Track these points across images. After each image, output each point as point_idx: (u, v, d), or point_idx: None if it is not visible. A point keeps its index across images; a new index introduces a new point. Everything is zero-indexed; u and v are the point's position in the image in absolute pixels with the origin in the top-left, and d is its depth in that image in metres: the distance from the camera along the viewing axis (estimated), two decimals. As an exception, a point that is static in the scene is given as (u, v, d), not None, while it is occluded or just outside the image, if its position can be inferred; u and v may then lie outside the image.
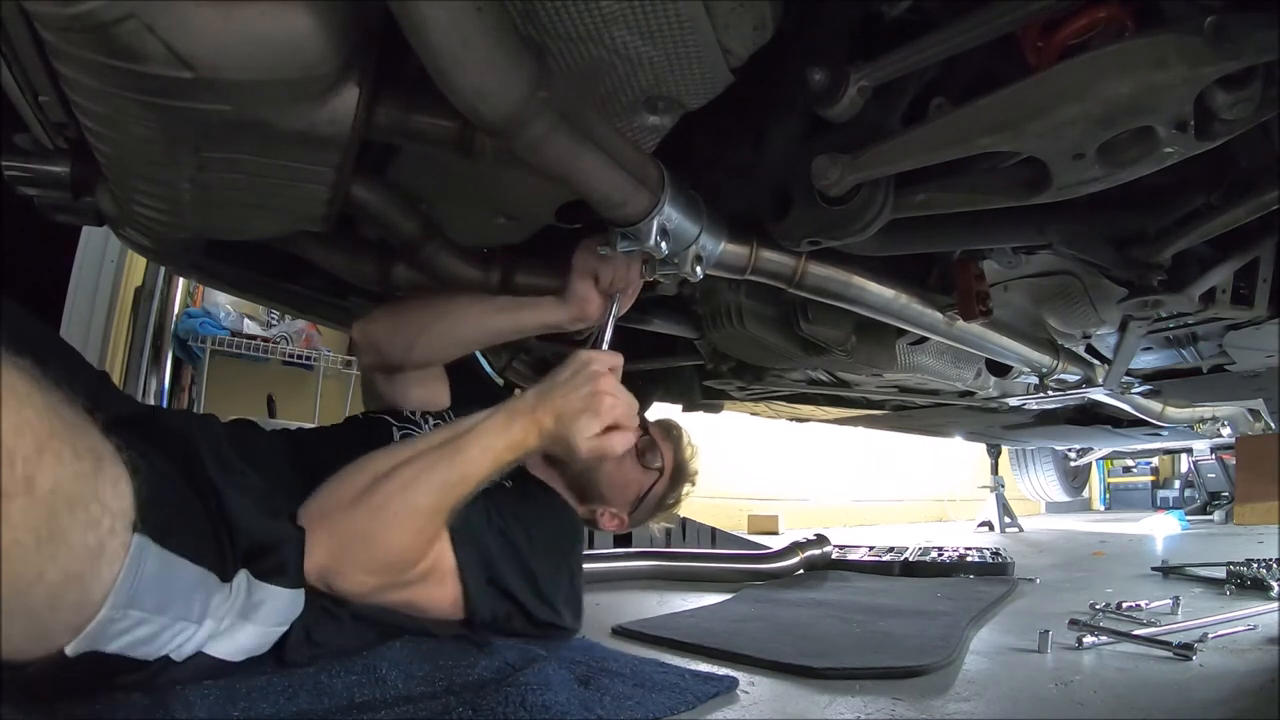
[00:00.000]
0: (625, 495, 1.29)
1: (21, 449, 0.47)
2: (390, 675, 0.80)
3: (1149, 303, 1.01)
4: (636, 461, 1.29)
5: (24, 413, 0.48)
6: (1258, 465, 4.04)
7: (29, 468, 0.47)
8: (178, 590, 0.64)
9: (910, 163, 0.72)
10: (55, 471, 0.49)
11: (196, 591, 0.67)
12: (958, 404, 2.01)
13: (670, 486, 1.35)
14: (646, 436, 1.33)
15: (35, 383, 0.50)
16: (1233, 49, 0.54)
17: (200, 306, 2.57)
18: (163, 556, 0.61)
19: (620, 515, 1.30)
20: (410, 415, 1.16)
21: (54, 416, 0.51)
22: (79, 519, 0.52)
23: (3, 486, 0.45)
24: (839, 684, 0.96)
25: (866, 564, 2.19)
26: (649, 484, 1.30)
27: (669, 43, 0.64)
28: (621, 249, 0.83)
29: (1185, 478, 6.52)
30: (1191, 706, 0.88)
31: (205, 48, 0.52)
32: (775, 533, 3.77)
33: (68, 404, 0.54)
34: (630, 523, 1.35)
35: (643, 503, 1.31)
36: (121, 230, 1.00)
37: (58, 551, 0.50)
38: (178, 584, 0.64)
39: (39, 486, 0.48)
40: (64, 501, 0.50)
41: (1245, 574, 1.75)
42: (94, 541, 0.53)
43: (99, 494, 0.53)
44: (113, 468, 0.56)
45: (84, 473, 0.52)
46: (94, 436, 0.55)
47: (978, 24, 0.61)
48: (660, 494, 1.33)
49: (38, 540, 0.48)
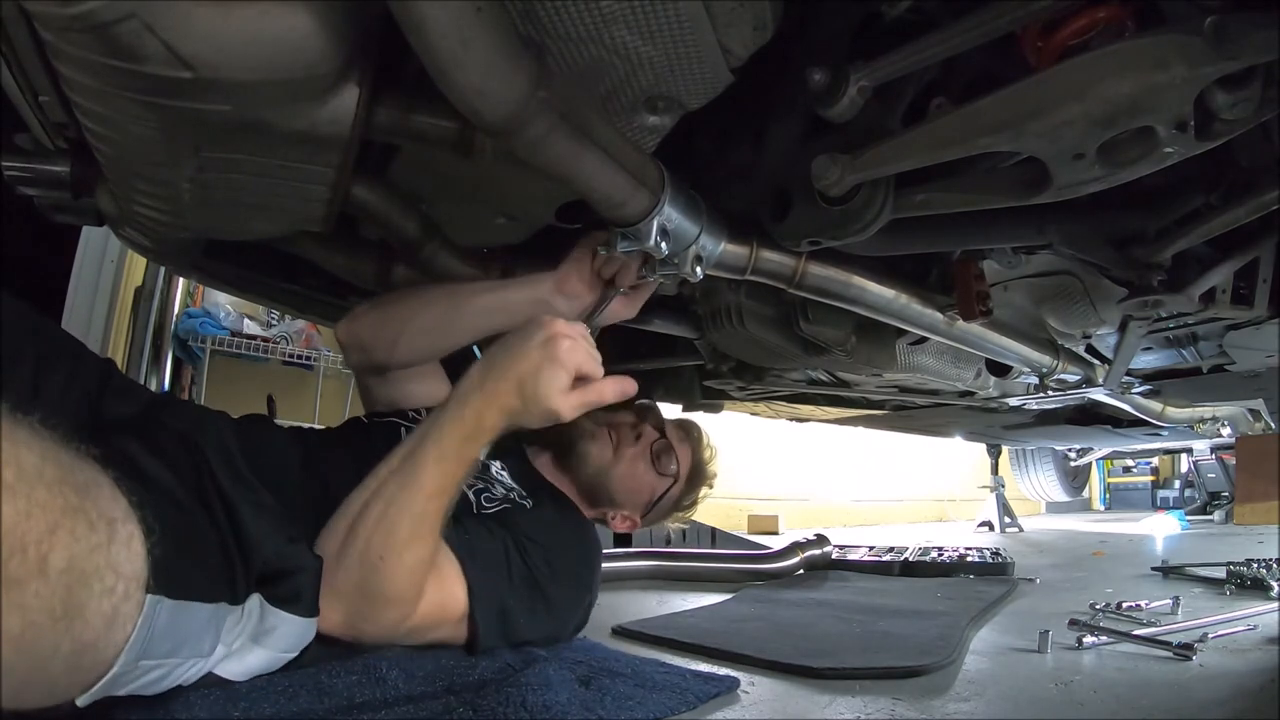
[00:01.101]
0: (638, 499, 1.27)
1: (34, 533, 0.45)
2: (391, 675, 0.80)
3: (1149, 303, 1.01)
4: (651, 466, 1.26)
5: (35, 493, 0.46)
6: (1258, 465, 4.04)
7: (42, 550, 0.45)
8: (190, 633, 0.63)
9: (910, 163, 0.72)
10: (70, 549, 0.47)
11: (208, 627, 0.66)
12: (958, 404, 2.01)
13: (687, 489, 1.33)
14: (662, 440, 1.30)
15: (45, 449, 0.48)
16: (1233, 49, 0.54)
17: (200, 306, 2.58)
18: (175, 607, 0.60)
19: (632, 517, 1.28)
20: (415, 415, 1.14)
21: (66, 488, 0.48)
22: (94, 590, 0.50)
23: (15, 575, 0.44)
24: (839, 684, 0.96)
25: (866, 564, 2.19)
26: (664, 489, 1.28)
27: (669, 43, 0.64)
28: (621, 249, 0.83)
29: (1185, 478, 6.52)
30: (1191, 706, 0.88)
31: (205, 48, 0.52)
32: (775, 533, 3.77)
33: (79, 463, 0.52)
34: (644, 523, 1.32)
35: (657, 506, 1.29)
36: (121, 230, 1.00)
37: (73, 625, 0.49)
38: (189, 628, 0.63)
39: (52, 567, 0.46)
40: (78, 577, 0.49)
41: (1245, 574, 1.75)
42: (108, 609, 0.52)
43: (112, 562, 0.52)
44: (126, 528, 0.54)
45: (98, 544, 0.50)
46: (106, 497, 0.53)
47: (978, 24, 0.61)
48: (676, 497, 1.31)
49: (53, 618, 0.47)
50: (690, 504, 1.37)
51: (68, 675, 0.53)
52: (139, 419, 0.82)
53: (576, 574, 1.07)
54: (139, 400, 0.89)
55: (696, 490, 1.35)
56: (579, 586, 1.07)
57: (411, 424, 1.11)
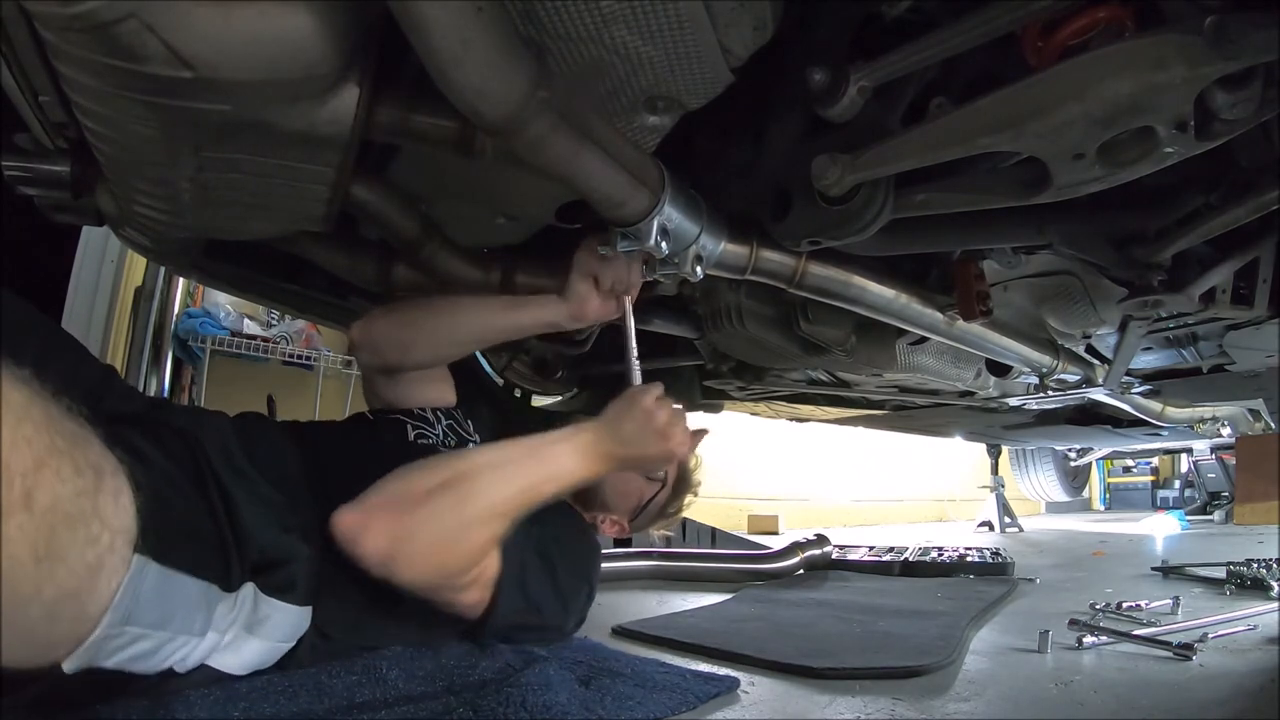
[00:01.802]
0: (627, 504, 1.29)
1: (20, 466, 0.46)
2: (391, 675, 0.80)
3: (1149, 303, 1.01)
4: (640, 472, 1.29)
5: (22, 428, 0.47)
6: (1258, 465, 4.04)
7: (27, 484, 0.46)
8: (178, 605, 0.63)
9: (910, 163, 0.72)
10: (55, 488, 0.48)
11: (198, 605, 0.66)
12: (958, 404, 2.01)
13: (673, 496, 1.35)
14: None
15: (35, 395, 0.49)
16: (1233, 49, 0.54)
17: (200, 306, 2.57)
18: (163, 573, 0.60)
19: (621, 522, 1.31)
20: (420, 412, 1.16)
21: (54, 431, 0.50)
22: (78, 536, 0.51)
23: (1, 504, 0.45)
24: (839, 684, 0.96)
25: (866, 564, 2.19)
26: (651, 494, 1.30)
27: (669, 43, 0.64)
28: (622, 249, 0.83)
29: (1185, 478, 6.52)
30: (1191, 706, 0.88)
31: (205, 47, 0.52)
32: (775, 533, 3.77)
33: (68, 416, 0.53)
34: (631, 529, 1.35)
35: (644, 511, 1.32)
36: (121, 230, 1.00)
37: (56, 569, 0.49)
38: (178, 599, 0.63)
39: (38, 503, 0.47)
40: (63, 519, 0.49)
41: (1245, 574, 1.75)
42: (93, 559, 0.52)
43: (99, 511, 0.53)
44: (114, 482, 0.55)
45: (84, 489, 0.51)
46: (95, 450, 0.54)
47: (978, 24, 0.61)
48: (662, 503, 1.33)
49: (36, 557, 0.47)
50: (675, 511, 1.39)
51: (49, 624, 0.52)
52: (138, 415, 0.83)
53: (581, 566, 1.11)
54: (138, 402, 0.90)
55: (682, 497, 1.38)
56: (582, 578, 1.11)
57: (418, 422, 1.13)
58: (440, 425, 1.16)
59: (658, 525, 1.42)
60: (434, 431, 1.13)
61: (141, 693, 0.65)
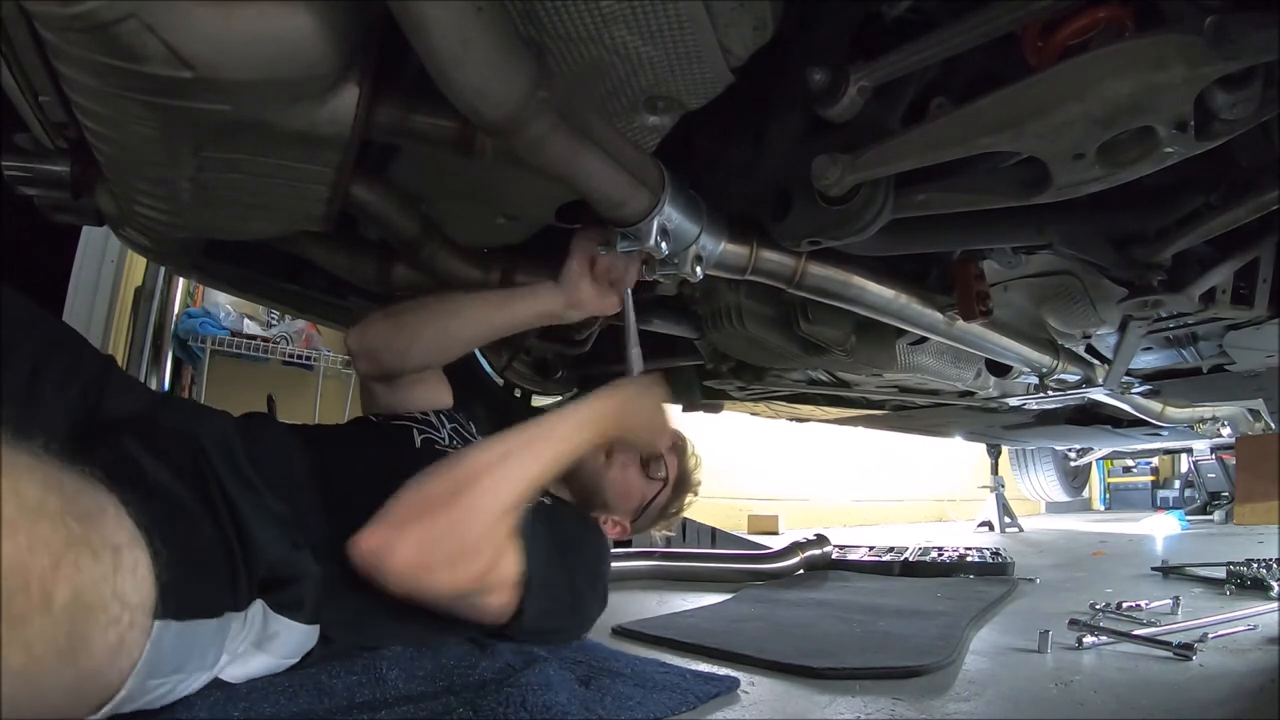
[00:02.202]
0: (628, 504, 1.29)
1: (37, 569, 0.44)
2: (391, 675, 0.80)
3: (1149, 303, 1.01)
4: (641, 471, 1.29)
5: (38, 527, 0.45)
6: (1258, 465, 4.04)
7: (46, 586, 0.44)
8: (196, 649, 0.63)
9: (910, 163, 0.72)
10: (74, 583, 0.46)
11: (214, 639, 0.66)
12: (958, 404, 2.01)
13: (673, 496, 1.35)
14: None
15: (47, 477, 0.47)
16: (1233, 49, 0.54)
17: (200, 306, 2.57)
18: (182, 628, 0.59)
19: (623, 523, 1.31)
20: (424, 416, 1.15)
21: (69, 518, 0.47)
22: (99, 622, 0.49)
23: (18, 612, 0.43)
24: (839, 684, 0.96)
25: (866, 564, 2.19)
26: (652, 494, 1.30)
27: (669, 43, 0.64)
28: (621, 249, 0.83)
29: (1185, 478, 6.52)
30: (1191, 706, 0.88)
31: (205, 47, 0.52)
32: (775, 533, 3.77)
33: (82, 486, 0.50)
34: (632, 530, 1.35)
35: (645, 511, 1.32)
36: (121, 230, 1.00)
37: (77, 657, 0.48)
38: (197, 644, 0.63)
39: (57, 603, 0.45)
40: (83, 610, 0.48)
41: (1245, 574, 1.75)
42: (114, 639, 0.51)
43: (118, 592, 0.51)
44: (131, 554, 0.52)
45: (103, 575, 0.49)
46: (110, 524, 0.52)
47: (978, 24, 0.61)
48: (663, 503, 1.34)
49: (57, 653, 0.46)
50: (676, 511, 1.39)
51: (71, 704, 0.51)
52: (139, 417, 0.82)
53: (595, 566, 1.11)
54: (139, 397, 0.88)
55: (682, 498, 1.38)
56: (593, 573, 1.11)
57: (424, 426, 1.12)
58: (445, 429, 1.15)
59: (659, 526, 1.42)
60: (440, 435, 1.13)
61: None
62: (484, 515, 0.84)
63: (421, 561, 0.81)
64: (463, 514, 0.83)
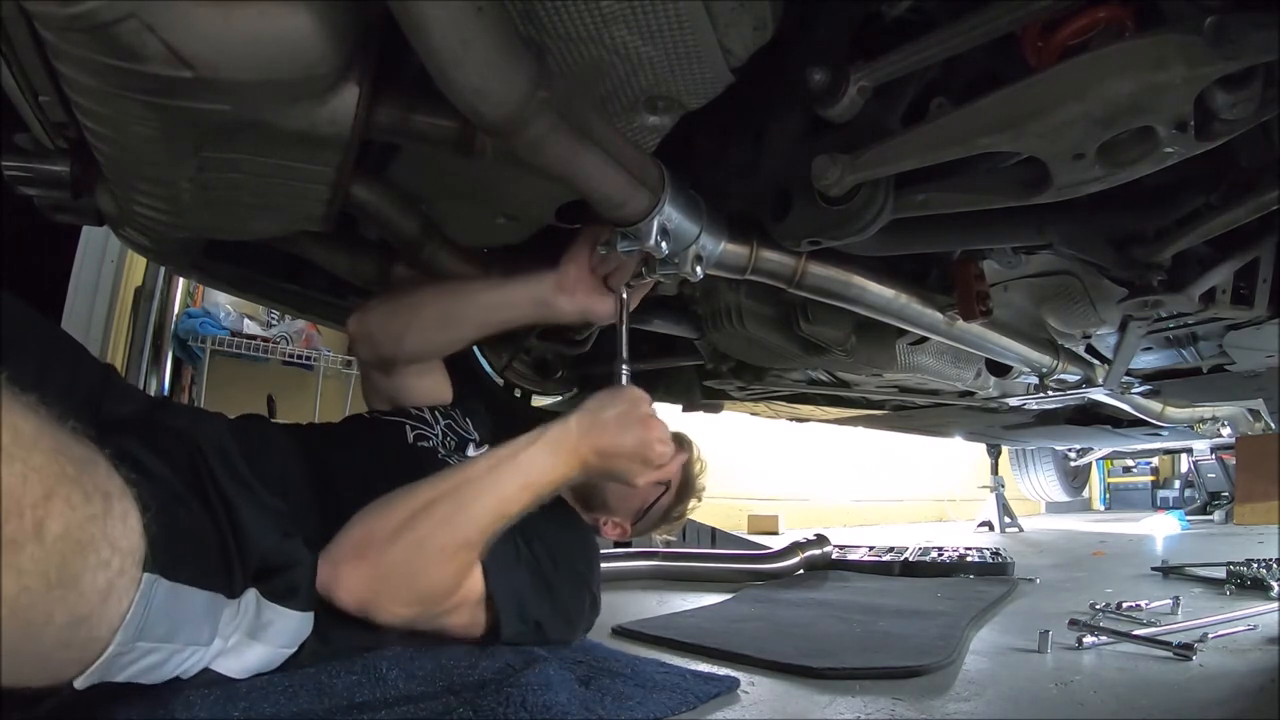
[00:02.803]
0: (630, 506, 1.29)
1: (30, 496, 0.46)
2: (391, 675, 0.80)
3: (1149, 303, 1.01)
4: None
5: (32, 458, 0.47)
6: (1258, 465, 4.04)
7: (38, 514, 0.46)
8: (186, 618, 0.64)
9: (910, 163, 0.72)
10: (65, 516, 0.48)
11: (205, 615, 0.67)
12: (958, 404, 2.01)
13: (676, 500, 1.35)
14: None
15: (43, 422, 0.49)
16: (1233, 49, 0.54)
17: (200, 306, 2.57)
18: (171, 588, 0.60)
19: (623, 525, 1.30)
20: (418, 413, 1.15)
21: (62, 458, 0.50)
22: (89, 562, 0.51)
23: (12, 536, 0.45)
24: (839, 684, 0.96)
25: (866, 564, 2.19)
26: (655, 498, 1.30)
27: (669, 43, 0.64)
28: (621, 249, 0.83)
29: (1185, 478, 6.52)
30: (1191, 706, 0.88)
31: (205, 47, 0.52)
32: (775, 533, 3.77)
33: (75, 440, 0.53)
34: (633, 532, 1.35)
35: (647, 515, 1.31)
36: (121, 230, 1.00)
37: (67, 595, 0.50)
38: (186, 612, 0.63)
39: (48, 532, 0.47)
40: (73, 546, 0.49)
41: (1245, 574, 1.75)
42: (103, 583, 0.53)
43: (108, 535, 0.53)
44: (121, 504, 0.55)
45: (94, 515, 0.51)
46: (103, 474, 0.54)
47: (978, 24, 0.61)
48: (665, 507, 1.33)
49: (47, 585, 0.47)
50: (678, 515, 1.39)
51: (62, 649, 0.53)
52: (137, 419, 0.83)
53: (578, 571, 1.09)
54: (137, 402, 0.89)
55: (685, 502, 1.37)
56: (580, 583, 1.09)
57: (416, 423, 1.12)
58: (439, 425, 1.15)
59: (661, 529, 1.42)
60: (432, 432, 1.13)
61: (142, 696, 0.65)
62: (434, 550, 0.83)
63: (365, 599, 0.81)
64: (402, 553, 0.82)
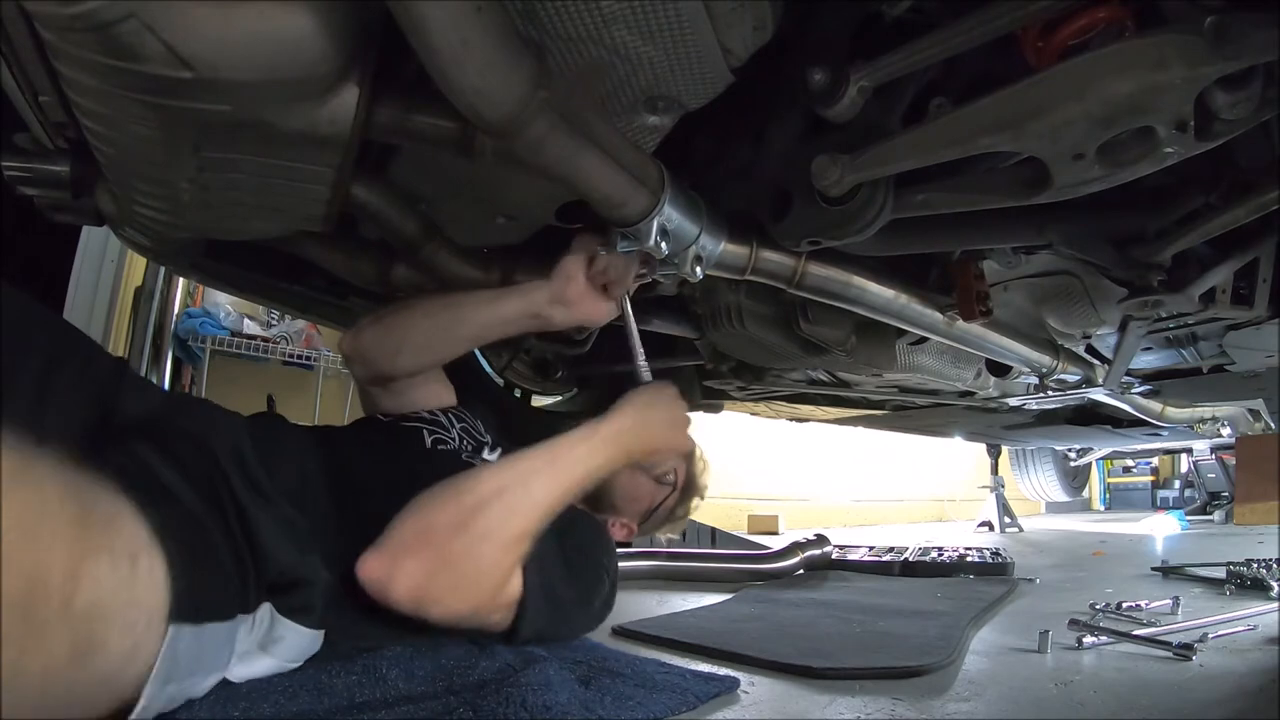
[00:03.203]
0: (637, 507, 1.30)
1: (57, 575, 0.44)
2: (391, 675, 0.80)
3: (1149, 303, 1.01)
4: (650, 475, 1.29)
5: (59, 530, 0.44)
6: (1258, 465, 4.03)
7: (66, 591, 0.44)
8: (209, 652, 0.63)
9: (910, 163, 0.72)
10: (93, 590, 0.46)
11: (226, 642, 0.66)
12: (958, 404, 2.01)
13: (680, 500, 1.36)
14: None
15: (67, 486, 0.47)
16: (1233, 49, 0.54)
17: (200, 306, 2.58)
18: (196, 631, 0.59)
19: (630, 525, 1.31)
20: (432, 416, 1.14)
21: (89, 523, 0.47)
22: (115, 627, 0.49)
23: (41, 618, 0.43)
24: (839, 684, 0.96)
25: (866, 564, 2.19)
26: (661, 498, 1.31)
27: (669, 43, 0.64)
28: (621, 249, 0.83)
29: (1185, 478, 6.52)
30: (1191, 706, 0.88)
31: (205, 48, 0.52)
32: (775, 533, 3.77)
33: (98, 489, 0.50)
34: (639, 532, 1.36)
35: (653, 515, 1.32)
36: (121, 230, 1.00)
37: (93, 660, 0.48)
38: (210, 647, 0.63)
39: (76, 608, 0.45)
40: (100, 616, 0.47)
41: (1245, 574, 1.75)
42: (129, 645, 0.51)
43: (135, 598, 0.51)
44: (148, 559, 0.52)
45: (121, 580, 0.49)
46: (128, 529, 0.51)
47: (978, 24, 0.61)
48: (671, 507, 1.34)
49: (72, 657, 0.45)
50: (683, 514, 1.40)
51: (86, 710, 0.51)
52: (153, 420, 0.80)
53: (598, 573, 1.10)
54: (153, 399, 0.86)
55: (690, 500, 1.39)
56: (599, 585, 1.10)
57: (433, 426, 1.11)
58: (455, 428, 1.14)
59: (665, 528, 1.43)
60: (450, 434, 1.12)
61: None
62: (490, 546, 0.83)
63: (424, 592, 0.80)
64: (467, 545, 0.81)
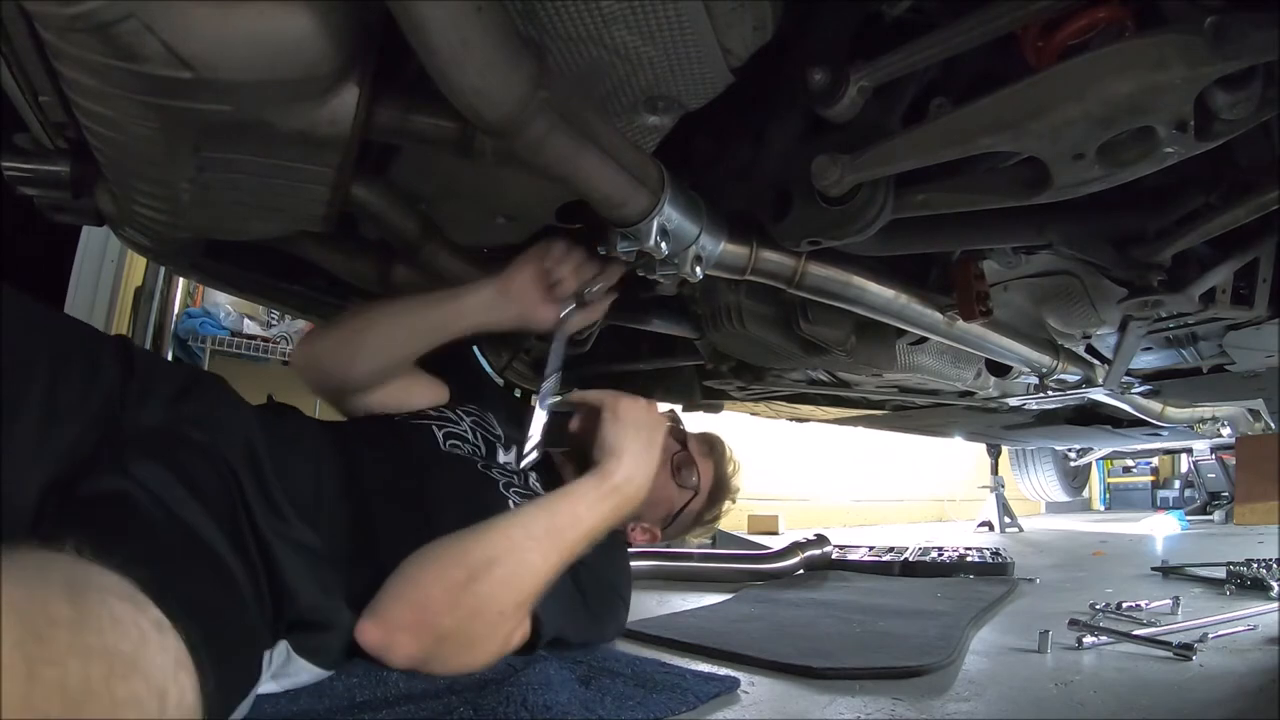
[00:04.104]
0: (658, 511, 1.27)
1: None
2: (391, 674, 0.80)
3: (1149, 303, 1.01)
4: (671, 479, 1.26)
5: (88, 708, 0.41)
6: (1258, 465, 4.03)
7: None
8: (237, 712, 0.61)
9: (910, 163, 0.72)
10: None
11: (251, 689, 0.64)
12: (958, 404, 2.01)
13: (709, 503, 1.33)
14: (683, 452, 1.30)
15: (87, 632, 0.43)
16: (1233, 49, 0.54)
17: (200, 306, 2.58)
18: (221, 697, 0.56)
19: (652, 530, 1.28)
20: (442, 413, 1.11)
21: (116, 679, 0.43)
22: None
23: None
24: (839, 684, 0.96)
25: (866, 564, 2.19)
26: (683, 502, 1.28)
27: (669, 43, 0.64)
28: (621, 249, 0.83)
29: (1185, 478, 6.53)
30: (1191, 706, 0.88)
31: (205, 48, 0.52)
32: (775, 533, 3.77)
33: (121, 614, 0.46)
34: (663, 537, 1.32)
35: (677, 519, 1.29)
36: (121, 230, 1.00)
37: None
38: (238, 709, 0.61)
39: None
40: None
41: (1245, 574, 1.75)
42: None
43: (165, 714, 0.47)
44: (177, 686, 0.48)
45: (157, 696, 0.45)
46: (154, 656, 0.47)
47: (978, 24, 0.61)
48: (697, 510, 1.31)
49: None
50: (712, 518, 1.36)
51: None
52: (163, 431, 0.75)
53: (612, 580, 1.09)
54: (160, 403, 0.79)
55: (719, 505, 1.35)
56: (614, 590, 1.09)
57: (443, 423, 1.09)
58: (465, 423, 1.12)
59: (695, 533, 1.39)
60: (460, 430, 1.10)
61: None
62: (493, 615, 0.81)
63: (422, 664, 0.79)
64: (458, 622, 0.79)
